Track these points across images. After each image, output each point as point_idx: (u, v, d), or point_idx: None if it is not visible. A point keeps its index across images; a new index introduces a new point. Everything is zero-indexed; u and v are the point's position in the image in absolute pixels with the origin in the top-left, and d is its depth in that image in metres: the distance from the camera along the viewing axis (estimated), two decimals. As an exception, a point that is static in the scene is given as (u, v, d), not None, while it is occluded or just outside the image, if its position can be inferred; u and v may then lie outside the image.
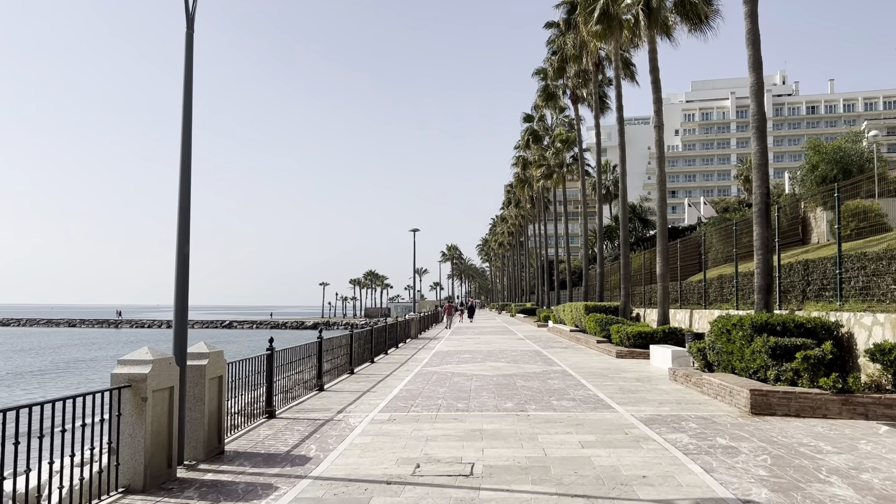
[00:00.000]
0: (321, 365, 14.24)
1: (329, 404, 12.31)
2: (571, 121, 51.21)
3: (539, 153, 51.09)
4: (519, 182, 67.63)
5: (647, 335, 21.20)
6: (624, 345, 22.12)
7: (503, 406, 11.74)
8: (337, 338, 16.33)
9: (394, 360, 21.36)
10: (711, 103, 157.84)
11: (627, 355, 21.14)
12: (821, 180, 37.69)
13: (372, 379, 16.27)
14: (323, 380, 14.36)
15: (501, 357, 21.93)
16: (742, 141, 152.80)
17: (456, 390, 13.88)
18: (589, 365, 19.25)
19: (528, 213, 77.18)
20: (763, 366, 11.76)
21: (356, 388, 14.65)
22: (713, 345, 13.81)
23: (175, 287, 7.82)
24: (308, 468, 7.62)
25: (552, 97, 42.45)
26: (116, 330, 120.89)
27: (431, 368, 18.61)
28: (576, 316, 33.19)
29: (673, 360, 17.30)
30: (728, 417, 10.56)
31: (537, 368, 18.29)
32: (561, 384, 14.80)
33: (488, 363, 19.89)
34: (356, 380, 16.16)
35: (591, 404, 11.94)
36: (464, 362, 20.28)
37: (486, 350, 25.07)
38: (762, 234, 14.66)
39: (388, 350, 25.17)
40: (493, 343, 29.17)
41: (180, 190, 7.99)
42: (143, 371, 6.73)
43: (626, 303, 28.31)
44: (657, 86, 22.47)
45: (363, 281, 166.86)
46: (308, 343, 13.87)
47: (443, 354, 23.45)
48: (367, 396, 13.27)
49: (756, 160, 14.84)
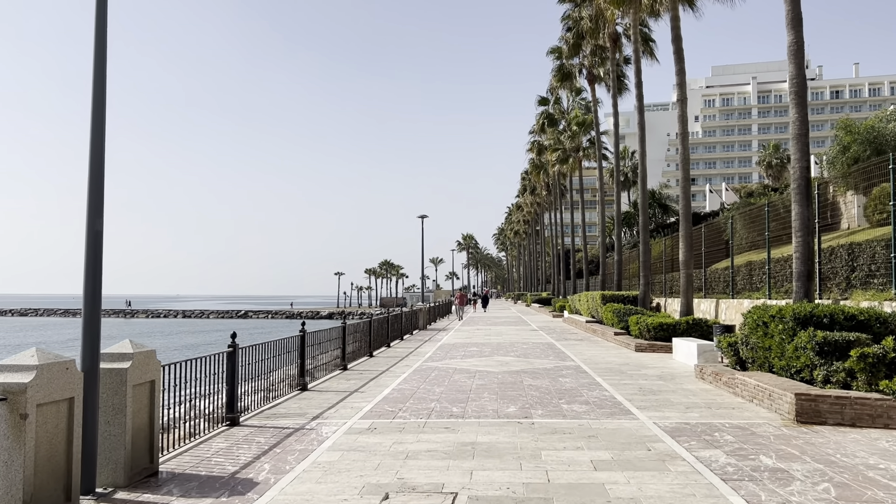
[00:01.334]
0: (303, 362, 12.71)
1: (307, 408, 10.78)
2: (588, 103, 49.25)
3: (554, 137, 49.21)
4: (534, 168, 65.74)
5: (669, 327, 19.50)
6: (644, 337, 20.45)
7: (504, 411, 10.14)
8: (325, 331, 14.80)
9: (394, 354, 19.83)
10: (732, 89, 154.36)
11: (648, 349, 19.46)
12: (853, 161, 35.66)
13: (364, 376, 14.73)
14: (306, 378, 12.83)
15: (511, 350, 20.33)
16: (764, 127, 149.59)
17: (454, 390, 12.30)
18: (605, 360, 17.61)
19: (544, 200, 75.28)
20: (808, 365, 10.07)
21: (344, 387, 13.11)
22: (746, 339, 12.12)
23: (84, 271, 6.28)
24: (248, 498, 6.08)
25: (567, 77, 40.54)
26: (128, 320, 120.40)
27: (433, 363, 17.05)
28: (592, 306, 31.50)
29: (699, 355, 15.62)
30: (769, 427, 8.90)
31: (548, 364, 16.67)
32: (573, 383, 13.18)
33: (496, 357, 18.30)
34: (347, 377, 14.63)
35: (607, 409, 10.32)
36: (469, 356, 18.71)
37: (496, 343, 23.47)
38: (802, 214, 12.92)
39: (392, 343, 23.67)
40: (504, 335, 27.56)
41: (91, 155, 6.42)
42: (21, 380, 5.20)
43: (646, 292, 26.56)
44: (680, 56, 20.64)
45: (378, 270, 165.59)
46: (288, 337, 12.36)
47: (448, 347, 21.89)
48: (352, 398, 11.73)
49: (795, 129, 13.08)
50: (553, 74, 41.34)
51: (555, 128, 50.41)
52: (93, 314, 6.34)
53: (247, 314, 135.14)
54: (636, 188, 71.33)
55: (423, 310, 32.83)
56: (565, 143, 47.42)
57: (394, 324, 24.22)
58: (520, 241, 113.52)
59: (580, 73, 40.22)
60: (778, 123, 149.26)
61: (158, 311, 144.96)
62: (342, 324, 16.15)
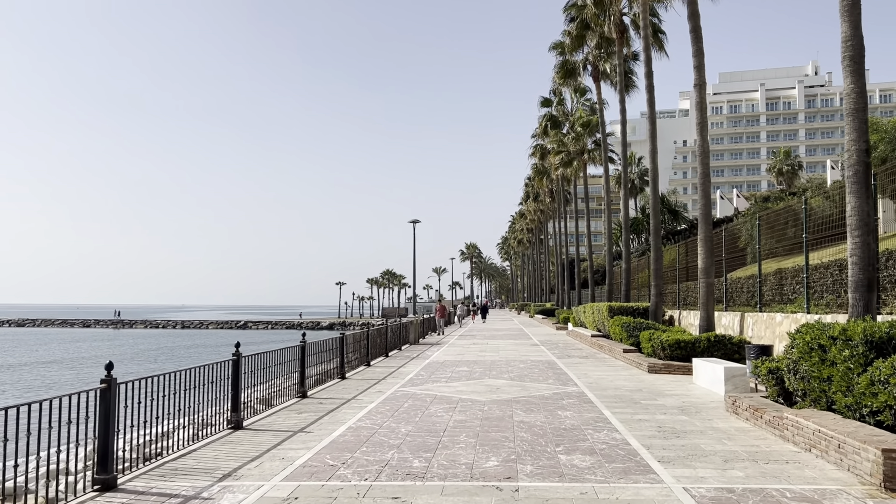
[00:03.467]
0: (237, 393, 10.18)
1: (224, 458, 8.24)
2: (593, 104, 46.82)
3: (558, 140, 46.71)
4: (537, 173, 63.22)
5: (687, 345, 16.92)
6: (657, 356, 17.87)
7: (481, 467, 7.58)
8: (279, 351, 12.26)
9: (371, 376, 17.27)
10: (740, 95, 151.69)
11: (663, 370, 16.88)
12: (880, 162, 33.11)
13: (322, 407, 12.18)
14: (241, 414, 10.30)
15: (505, 371, 17.76)
16: (773, 134, 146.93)
17: (424, 431, 9.74)
18: (614, 384, 15.02)
19: (548, 207, 72.74)
20: (892, 405, 7.49)
21: (290, 423, 10.56)
22: (795, 366, 9.53)
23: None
24: None
25: (571, 73, 38.02)
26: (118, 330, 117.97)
27: (410, 389, 14.48)
28: (598, 318, 28.91)
29: (726, 380, 13.03)
30: (849, 499, 6.33)
31: (546, 390, 14.09)
32: (576, 419, 10.61)
33: (486, 381, 15.73)
34: (300, 408, 12.08)
35: (619, 462, 7.75)
36: (456, 379, 16.14)
37: (490, 360, 20.90)
38: (861, 208, 10.38)
39: (374, 360, 21.11)
40: (502, 351, 24.98)
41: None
42: None
43: (658, 303, 23.99)
44: (697, 35, 18.10)
45: (380, 280, 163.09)
46: (218, 362, 9.84)
47: (436, 366, 19.33)
48: (291, 442, 9.18)
49: (851, 103, 10.57)
50: (556, 71, 38.83)
51: (558, 130, 47.90)
52: None
53: (247, 325, 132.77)
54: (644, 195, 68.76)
55: (415, 322, 30.26)
56: (569, 145, 44.89)
57: (375, 339, 21.66)
58: (523, 250, 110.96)
59: (584, 70, 37.71)
60: (787, 130, 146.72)
61: (157, 321, 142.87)
62: (300, 342, 13.60)
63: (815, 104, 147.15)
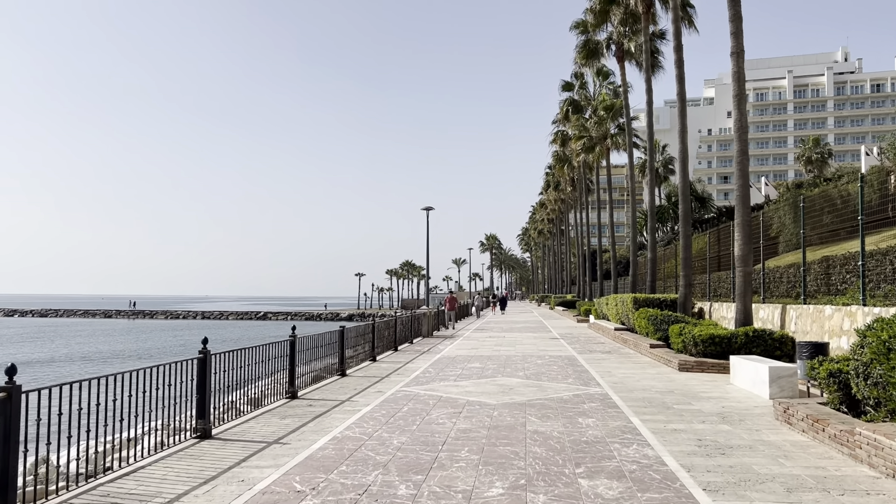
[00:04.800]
0: (204, 398, 8.75)
1: (172, 480, 6.82)
2: (616, 88, 44.93)
3: (579, 125, 44.87)
4: (557, 161, 61.33)
5: (722, 340, 15.27)
6: (689, 352, 16.24)
7: (481, 497, 6.07)
8: (259, 348, 10.83)
9: (374, 373, 15.83)
10: (766, 83, 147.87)
11: (695, 368, 15.26)
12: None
13: (310, 411, 10.74)
14: (210, 422, 8.87)
15: (521, 368, 16.24)
16: (800, 122, 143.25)
17: (420, 443, 8.26)
18: (641, 384, 13.44)
19: (569, 196, 70.82)
20: None
21: (266, 432, 9.13)
22: (865, 370, 7.91)
23: None
24: None
25: (594, 53, 36.16)
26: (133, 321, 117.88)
27: (414, 389, 13.01)
28: (621, 311, 27.26)
29: (772, 382, 11.42)
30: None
31: (566, 391, 12.54)
32: (599, 428, 9.07)
33: (499, 379, 14.22)
34: (285, 412, 10.64)
35: (655, 491, 6.21)
36: (466, 377, 14.65)
37: (506, 356, 19.38)
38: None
39: (380, 355, 19.68)
40: (519, 344, 23.44)
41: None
42: None
43: (687, 294, 22.33)
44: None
45: (400, 271, 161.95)
46: (180, 361, 8.43)
47: (446, 362, 17.86)
48: (260, 458, 7.74)
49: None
50: (577, 52, 36.96)
51: (580, 114, 46.01)
52: None
53: (266, 316, 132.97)
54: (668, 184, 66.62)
55: (428, 314, 28.78)
56: (591, 130, 43.03)
57: (383, 332, 20.21)
58: (544, 240, 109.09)
59: (608, 50, 35.86)
60: (816, 118, 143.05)
61: (177, 312, 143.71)
62: (290, 336, 12.16)
63: (844, 91, 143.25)
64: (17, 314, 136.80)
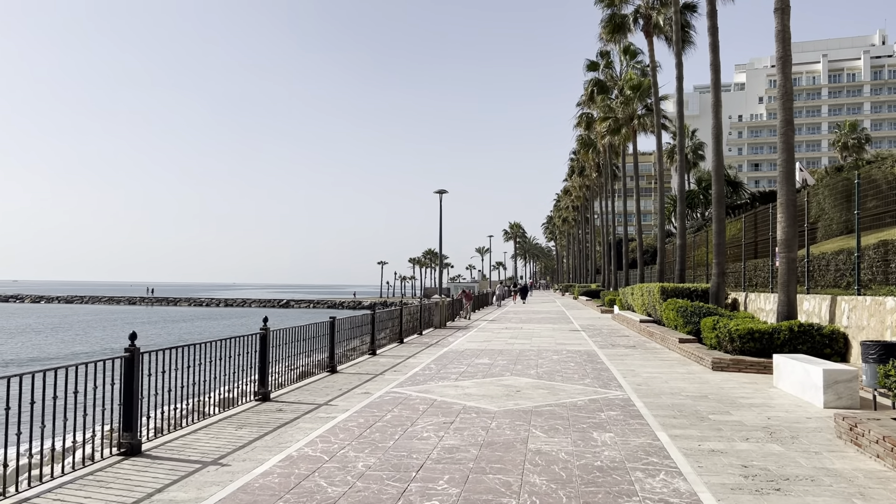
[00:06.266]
0: (132, 406, 7.14)
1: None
2: (644, 67, 42.66)
3: (605, 106, 42.72)
4: (582, 146, 59.07)
5: (763, 336, 13.40)
6: (724, 348, 14.37)
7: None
8: (216, 343, 9.21)
9: (367, 369, 14.19)
10: (800, 67, 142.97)
11: (731, 367, 13.41)
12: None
13: (275, 419, 9.10)
14: (138, 433, 7.26)
15: (533, 365, 14.50)
16: (835, 108, 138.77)
17: (390, 468, 6.57)
18: (670, 386, 11.64)
19: (594, 182, 68.56)
20: None
21: (210, 448, 7.50)
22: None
23: None
24: None
25: (620, 28, 34.01)
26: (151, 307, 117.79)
27: (404, 390, 11.33)
28: (648, 301, 25.36)
29: (826, 387, 9.58)
30: None
31: (581, 394, 10.78)
32: (617, 448, 7.31)
33: (506, 379, 12.50)
34: (245, 420, 9.02)
35: (691, 554, 4.46)
36: (469, 376, 12.94)
37: (518, 350, 17.65)
38: None
39: (382, 348, 18.05)
40: (535, 337, 21.67)
41: None
42: None
43: (720, 284, 20.40)
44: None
45: (422, 260, 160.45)
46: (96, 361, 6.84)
47: (451, 357, 16.17)
48: (182, 487, 6.10)
49: None
50: (602, 27, 34.82)
51: (605, 95, 43.78)
52: None
53: (289, 303, 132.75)
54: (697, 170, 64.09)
55: (441, 304, 27.09)
56: (617, 111, 40.87)
57: (386, 323, 18.57)
58: (568, 228, 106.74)
59: (635, 24, 33.69)
60: (851, 104, 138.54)
61: (200, 299, 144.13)
62: (260, 329, 10.53)
63: (881, 75, 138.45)
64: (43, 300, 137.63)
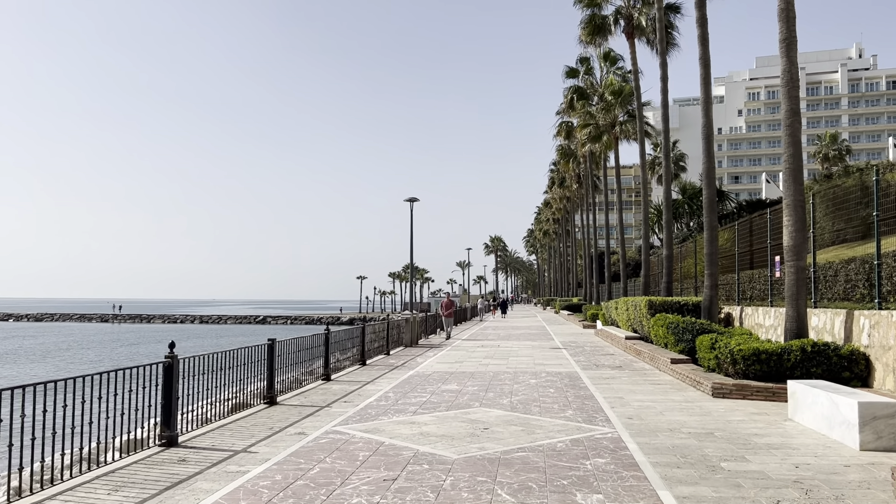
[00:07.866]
0: None
1: None
2: (625, 73, 41.24)
3: (585, 112, 41.16)
4: (562, 156, 57.51)
5: (771, 357, 11.58)
6: (726, 371, 12.52)
7: None
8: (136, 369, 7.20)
9: (312, 400, 12.17)
10: (778, 80, 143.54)
11: (735, 393, 11.57)
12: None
13: (173, 473, 7.09)
14: None
15: (508, 392, 12.57)
16: (813, 120, 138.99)
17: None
18: (667, 420, 9.75)
19: (574, 194, 67.02)
20: None
21: None
22: None
23: None
24: None
25: (600, 29, 32.42)
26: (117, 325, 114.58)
27: (348, 430, 9.33)
28: (633, 316, 23.56)
29: (863, 423, 7.75)
30: None
31: (562, 433, 8.85)
32: (610, 520, 5.40)
33: (474, 412, 10.55)
34: (134, 474, 7.00)
35: None
36: (431, 408, 10.98)
37: (493, 373, 15.73)
38: None
39: (339, 373, 16.02)
40: (513, 356, 19.77)
41: None
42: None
43: (712, 297, 18.66)
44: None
45: (402, 274, 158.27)
46: None
47: (415, 382, 14.19)
48: None
49: None
50: (582, 28, 33.21)
51: (585, 102, 42.23)
52: None
53: (265, 319, 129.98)
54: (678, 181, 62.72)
55: (411, 320, 25.10)
56: (598, 117, 39.29)
57: (344, 344, 16.56)
58: (549, 241, 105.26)
59: (616, 25, 32.14)
60: (829, 116, 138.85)
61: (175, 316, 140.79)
62: (166, 357, 8.51)
63: (859, 88, 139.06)
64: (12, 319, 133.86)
